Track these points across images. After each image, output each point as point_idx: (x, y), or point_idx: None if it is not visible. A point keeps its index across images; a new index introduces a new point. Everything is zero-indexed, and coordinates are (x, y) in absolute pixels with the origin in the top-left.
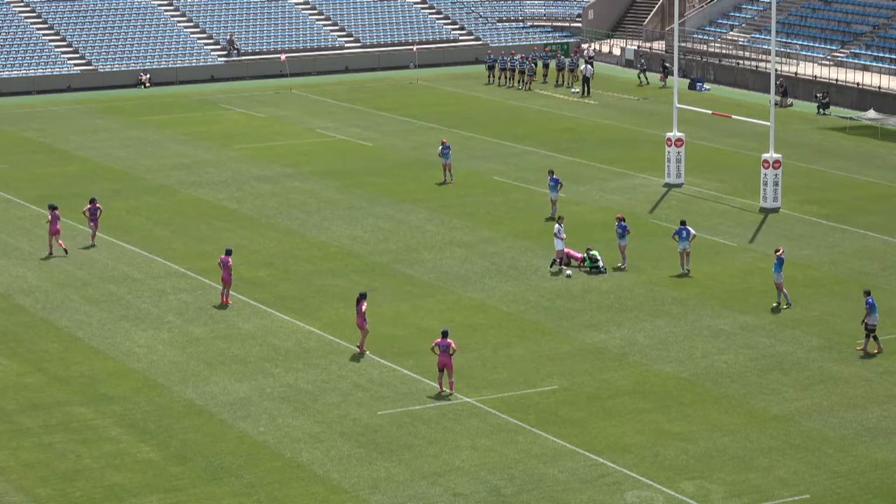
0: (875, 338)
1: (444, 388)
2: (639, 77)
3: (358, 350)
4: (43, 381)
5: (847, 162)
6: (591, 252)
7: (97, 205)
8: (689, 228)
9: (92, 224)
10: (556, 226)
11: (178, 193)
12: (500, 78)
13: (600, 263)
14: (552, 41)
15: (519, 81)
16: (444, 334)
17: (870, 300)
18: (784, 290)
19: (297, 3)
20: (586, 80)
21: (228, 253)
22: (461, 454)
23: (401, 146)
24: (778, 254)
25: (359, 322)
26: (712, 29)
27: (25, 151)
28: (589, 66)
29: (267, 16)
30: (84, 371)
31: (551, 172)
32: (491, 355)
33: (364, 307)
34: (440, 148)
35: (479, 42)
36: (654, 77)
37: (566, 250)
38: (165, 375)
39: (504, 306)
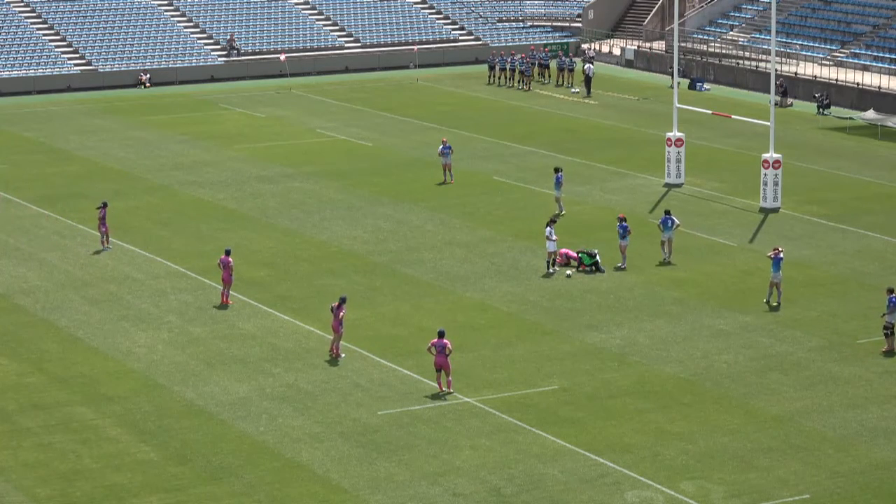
0: (889, 335)
1: (443, 388)
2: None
3: (333, 355)
4: (43, 381)
5: (847, 162)
6: (584, 251)
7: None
8: (673, 218)
9: (103, 228)
10: (547, 228)
11: (178, 193)
12: (499, 78)
13: (598, 258)
14: (552, 41)
15: (519, 81)
16: (441, 334)
17: (893, 298)
18: (779, 289)
19: (297, 3)
20: (588, 80)
21: (228, 253)
22: (461, 454)
23: (401, 146)
24: (776, 253)
25: (334, 325)
26: (712, 29)
27: (25, 151)
28: (590, 66)
29: (267, 16)
30: (84, 371)
31: (557, 170)
32: (491, 355)
33: (343, 312)
34: (440, 147)
35: (479, 42)
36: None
37: (565, 251)
38: (165, 375)
39: (504, 306)
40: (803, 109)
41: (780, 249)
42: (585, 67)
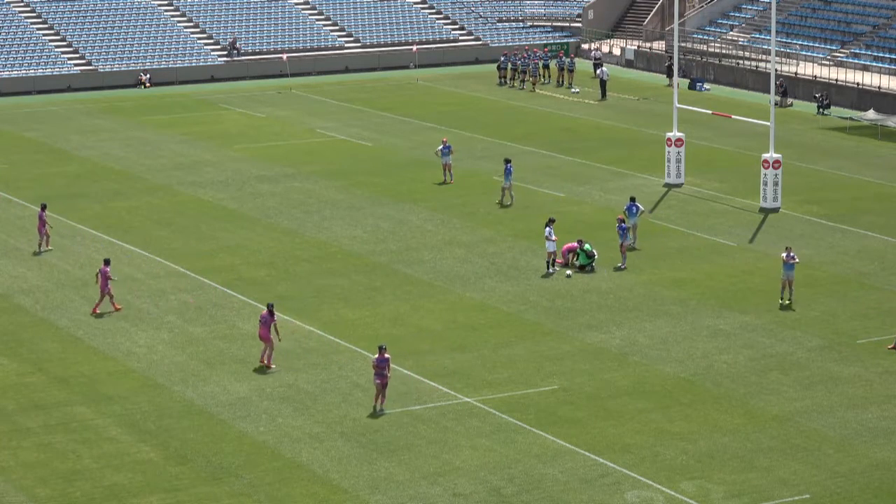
0: None
1: (379, 405)
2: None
3: (264, 364)
4: (43, 381)
5: (847, 162)
6: (586, 246)
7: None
8: (638, 205)
9: (43, 230)
10: (547, 228)
11: (178, 193)
12: (511, 78)
13: (596, 258)
14: (552, 41)
15: (521, 81)
16: (381, 350)
17: None
18: (791, 287)
19: (297, 3)
20: (603, 84)
21: (107, 263)
22: (461, 454)
23: (401, 146)
24: (790, 258)
25: (262, 333)
26: (712, 29)
27: (25, 151)
28: (604, 70)
29: (267, 16)
30: (84, 371)
31: (507, 161)
32: (491, 355)
33: (274, 321)
34: (440, 147)
35: (479, 42)
36: (657, 77)
37: (567, 247)
38: (165, 375)
39: (504, 306)
40: (803, 109)
41: (794, 256)
42: (599, 71)
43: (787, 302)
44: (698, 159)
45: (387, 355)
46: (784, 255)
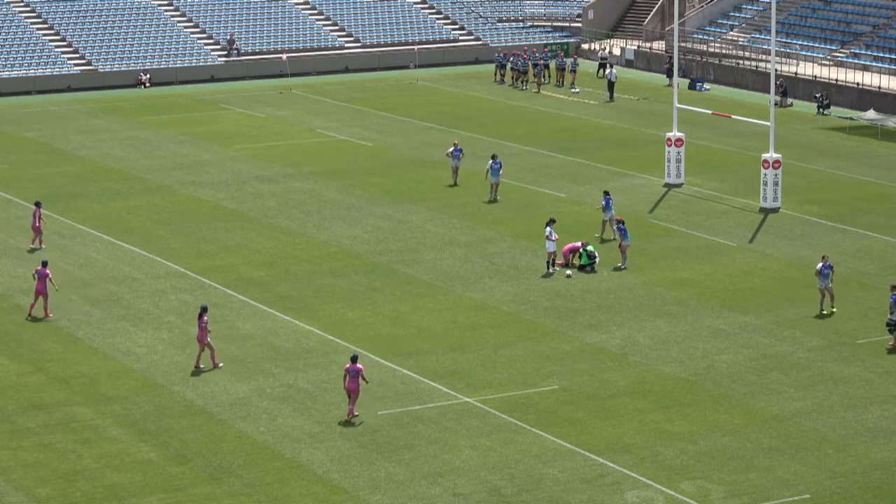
0: (893, 331)
1: (353, 413)
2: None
3: (201, 366)
4: (43, 381)
5: (847, 162)
6: (588, 248)
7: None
8: (613, 199)
9: (37, 225)
10: (547, 228)
11: (178, 193)
12: (503, 77)
13: (596, 260)
14: (552, 41)
15: (522, 82)
16: (354, 359)
17: (895, 296)
18: (831, 293)
19: (297, 3)
20: (611, 85)
21: (45, 265)
22: (461, 454)
23: (401, 146)
24: (825, 264)
25: (200, 336)
26: (712, 29)
27: (25, 151)
28: (613, 71)
29: (267, 16)
30: (84, 371)
31: (494, 157)
32: (491, 355)
33: (205, 321)
34: (451, 149)
35: (479, 42)
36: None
37: (569, 246)
38: (165, 375)
39: (504, 306)
40: (803, 109)
41: (830, 265)
42: (608, 72)
43: (831, 311)
44: (698, 159)
45: (359, 365)
46: (820, 265)
